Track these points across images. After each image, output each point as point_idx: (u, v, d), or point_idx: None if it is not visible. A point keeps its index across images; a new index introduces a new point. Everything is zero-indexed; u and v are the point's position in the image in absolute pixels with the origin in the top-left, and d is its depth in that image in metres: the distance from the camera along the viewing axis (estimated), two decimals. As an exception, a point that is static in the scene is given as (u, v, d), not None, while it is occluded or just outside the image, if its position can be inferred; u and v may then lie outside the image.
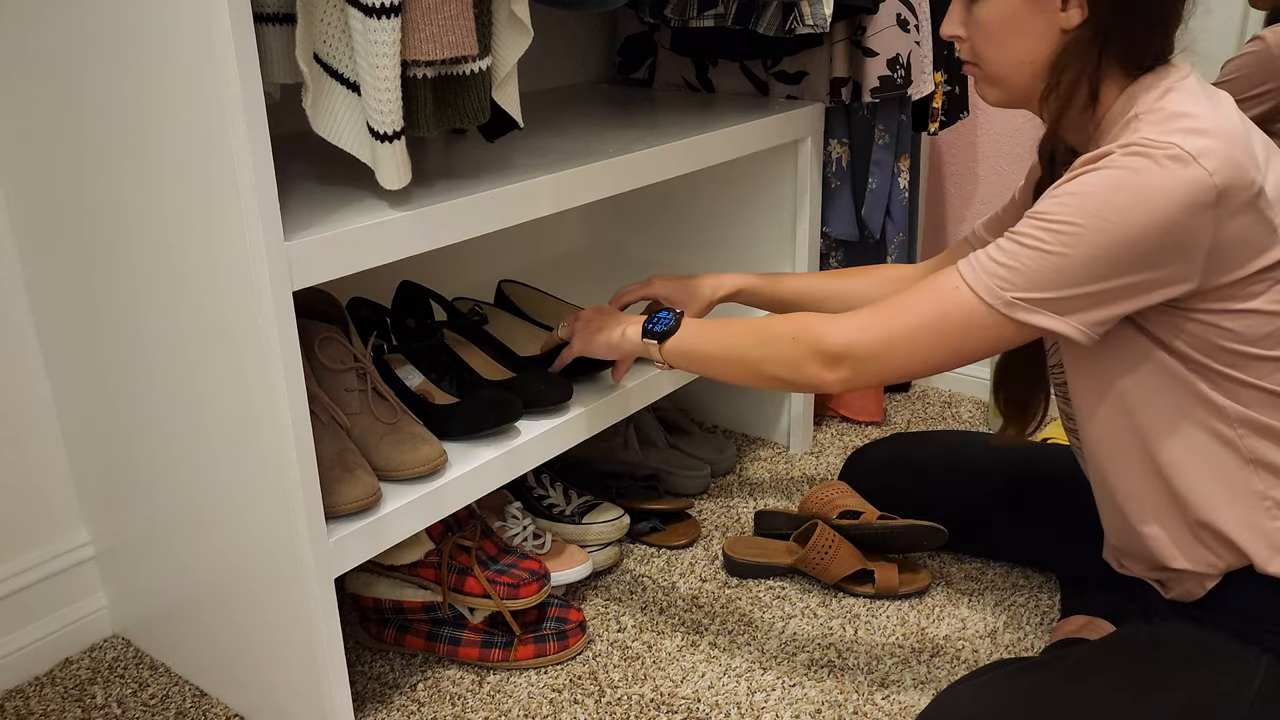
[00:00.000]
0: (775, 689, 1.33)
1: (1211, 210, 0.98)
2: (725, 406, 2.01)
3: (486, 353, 1.44)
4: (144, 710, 1.32)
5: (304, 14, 1.06)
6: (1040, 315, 1.03)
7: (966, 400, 2.15)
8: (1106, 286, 1.01)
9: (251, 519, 1.15)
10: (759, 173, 1.80)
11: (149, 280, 1.13)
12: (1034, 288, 1.02)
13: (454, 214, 1.17)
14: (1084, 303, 1.02)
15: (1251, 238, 1.00)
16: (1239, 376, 1.05)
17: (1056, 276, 1.01)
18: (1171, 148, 0.97)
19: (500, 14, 1.13)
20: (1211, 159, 0.97)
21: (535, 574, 1.36)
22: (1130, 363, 1.09)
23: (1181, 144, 0.97)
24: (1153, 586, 1.21)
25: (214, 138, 0.98)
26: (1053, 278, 1.01)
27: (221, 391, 1.11)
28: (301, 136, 1.49)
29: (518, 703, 1.32)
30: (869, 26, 1.70)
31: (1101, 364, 1.11)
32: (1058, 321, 1.03)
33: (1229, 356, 1.05)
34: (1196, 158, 0.97)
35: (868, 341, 1.10)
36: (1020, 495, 1.49)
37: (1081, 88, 1.08)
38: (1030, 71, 1.10)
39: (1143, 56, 1.07)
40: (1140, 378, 1.09)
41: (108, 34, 1.03)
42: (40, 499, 1.38)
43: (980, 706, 1.08)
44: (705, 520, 1.72)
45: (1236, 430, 1.07)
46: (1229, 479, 1.08)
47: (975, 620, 1.46)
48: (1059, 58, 1.08)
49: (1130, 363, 1.09)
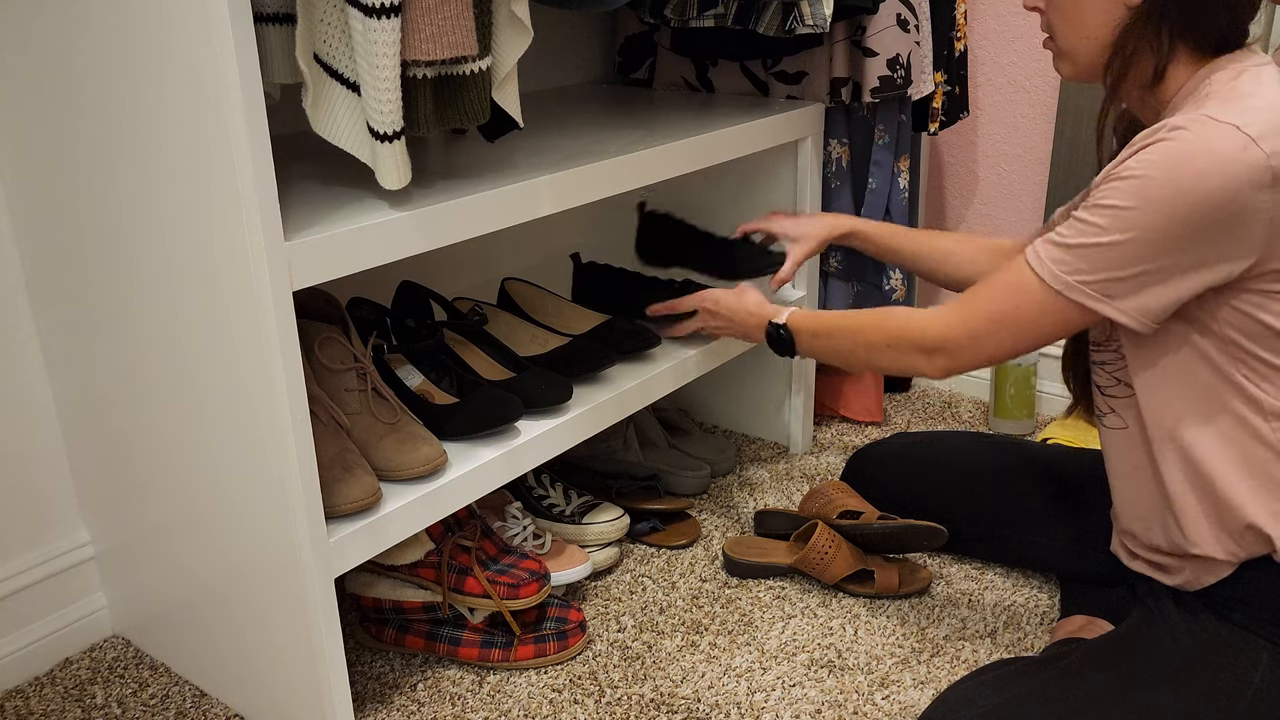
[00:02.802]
0: (775, 689, 1.33)
1: (1269, 191, 0.99)
2: (725, 406, 2.01)
3: (486, 353, 1.44)
4: (144, 710, 1.32)
5: (304, 14, 1.06)
6: (1100, 303, 1.07)
7: (966, 400, 2.15)
8: (1163, 265, 1.04)
9: (251, 519, 1.15)
10: (759, 173, 1.80)
11: (149, 280, 1.13)
12: (1094, 270, 1.06)
13: (454, 214, 1.17)
14: (1142, 283, 1.05)
15: None
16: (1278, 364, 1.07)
17: (1115, 258, 1.04)
18: (1229, 128, 0.99)
19: (500, 14, 1.13)
20: (1271, 140, 0.99)
21: (535, 574, 1.36)
22: (1175, 345, 1.12)
23: (1241, 124, 0.99)
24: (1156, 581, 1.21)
25: (214, 138, 0.98)
26: (1112, 259, 1.05)
27: (221, 391, 1.11)
28: (301, 136, 1.49)
29: (518, 703, 1.32)
30: (869, 26, 1.70)
31: (1151, 345, 1.13)
32: (1113, 309, 1.07)
33: (1276, 342, 1.07)
34: (1256, 139, 0.99)
35: (957, 336, 1.19)
36: (1020, 495, 1.49)
37: (1143, 64, 1.11)
38: (1095, 47, 1.14)
39: (1210, 37, 1.09)
40: (1183, 362, 1.11)
41: (108, 34, 1.03)
42: (40, 499, 1.38)
43: (980, 706, 1.08)
44: (705, 520, 1.72)
45: (1270, 424, 1.09)
46: (1259, 471, 1.10)
47: (975, 620, 1.46)
48: (1123, 33, 1.11)
49: (1175, 345, 1.12)
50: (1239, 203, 0.99)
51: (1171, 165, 1.01)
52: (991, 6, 1.99)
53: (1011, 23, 1.98)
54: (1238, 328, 1.07)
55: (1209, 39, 1.09)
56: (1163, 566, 1.21)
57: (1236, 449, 1.11)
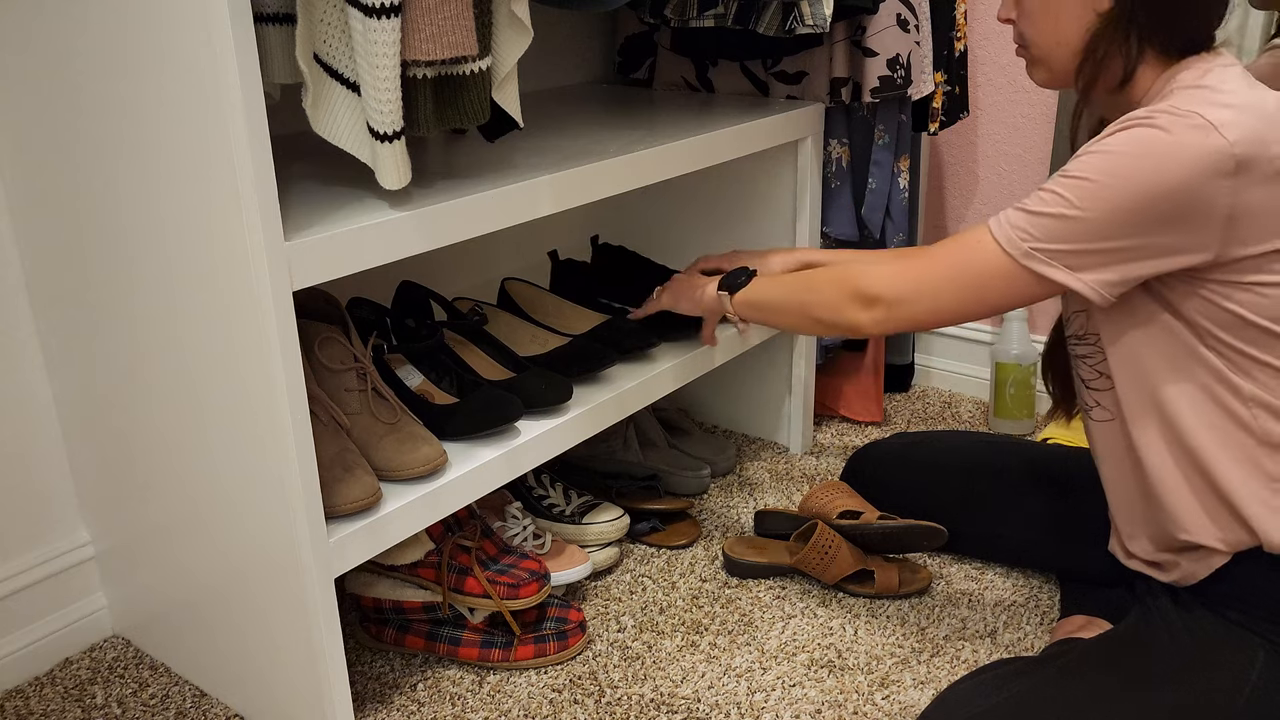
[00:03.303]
0: (775, 689, 1.34)
1: (1230, 179, 1.01)
2: (725, 406, 2.01)
3: (486, 353, 1.44)
4: (144, 710, 1.32)
5: (304, 14, 1.06)
6: (1056, 270, 1.08)
7: (966, 400, 2.15)
8: (1122, 244, 1.05)
9: (251, 519, 1.15)
10: (759, 173, 1.80)
11: (149, 280, 1.13)
12: (1052, 239, 1.07)
13: (454, 214, 1.17)
14: (1099, 259, 1.06)
15: (1274, 212, 1.03)
16: (1255, 355, 1.09)
17: (1074, 230, 1.06)
18: (1195, 116, 1.01)
19: (500, 14, 1.13)
20: (1234, 129, 1.01)
21: (535, 574, 1.36)
22: (1152, 334, 1.12)
23: (1205, 113, 1.01)
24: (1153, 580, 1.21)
25: (214, 138, 0.98)
26: (1071, 231, 1.06)
27: (221, 391, 1.11)
28: (301, 136, 1.49)
29: (518, 703, 1.32)
30: (869, 26, 1.70)
31: (1129, 334, 1.14)
32: (1071, 277, 1.08)
33: (1247, 332, 1.08)
34: (1218, 126, 1.01)
35: (899, 286, 1.17)
36: (1020, 495, 1.49)
37: (1113, 67, 1.13)
38: (1068, 52, 1.15)
39: (1178, 41, 1.11)
40: (1162, 351, 1.12)
41: (108, 34, 1.03)
42: (40, 499, 1.38)
43: (980, 706, 1.08)
44: (705, 520, 1.72)
45: (1252, 410, 1.10)
46: (1244, 458, 1.11)
47: (975, 620, 1.46)
48: (1093, 38, 1.12)
49: (1152, 334, 1.12)
50: (1199, 189, 1.01)
51: (1138, 146, 1.03)
52: (991, 6, 1.99)
53: (1011, 23, 1.98)
54: (1207, 316, 1.09)
55: (1176, 42, 1.11)
56: (1158, 564, 1.21)
57: (1219, 433, 1.11)
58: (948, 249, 1.15)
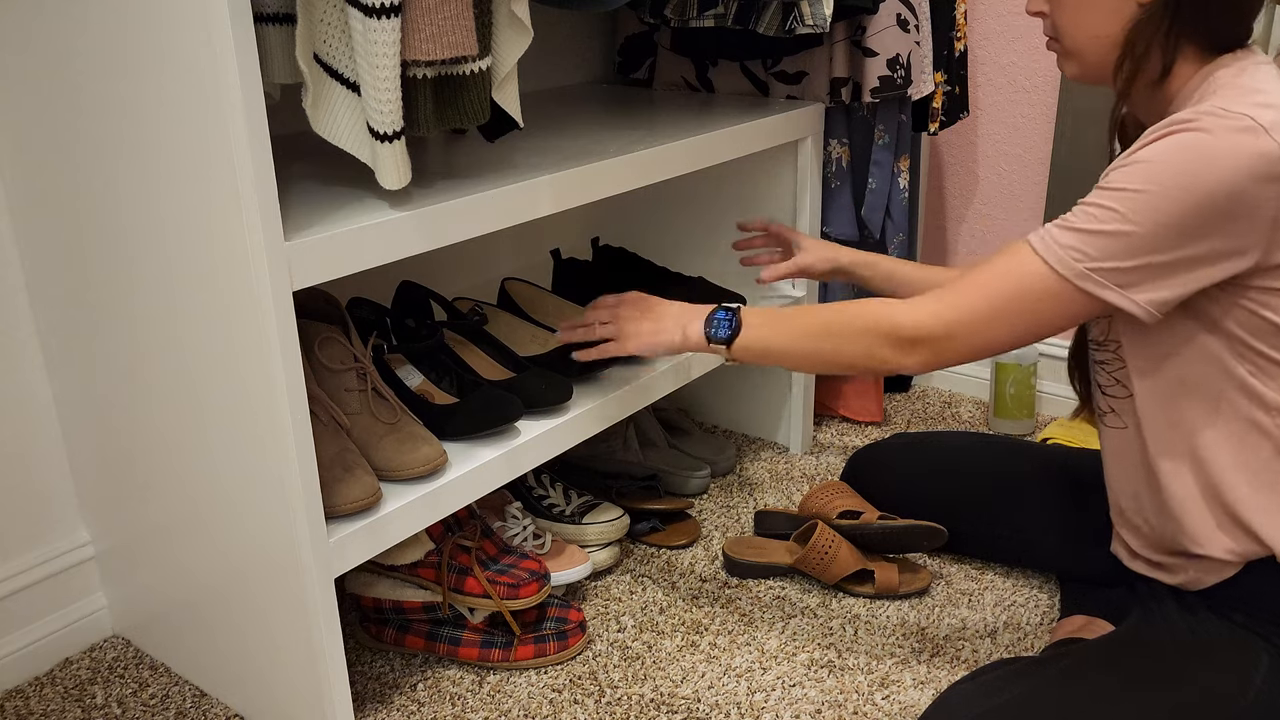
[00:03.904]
0: (775, 689, 1.33)
1: (1277, 184, 0.99)
2: (725, 406, 2.01)
3: (486, 353, 1.44)
4: (144, 710, 1.32)
5: (304, 14, 1.06)
6: (1110, 291, 1.04)
7: (966, 400, 2.15)
8: (1172, 257, 1.02)
9: (251, 519, 1.15)
10: (759, 173, 1.80)
11: (149, 280, 1.13)
12: (1105, 257, 1.04)
13: (454, 214, 1.17)
14: (1150, 274, 1.03)
15: None
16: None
17: (1129, 246, 1.03)
18: (1243, 119, 0.99)
19: (500, 14, 1.13)
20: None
21: (535, 574, 1.36)
22: (1179, 342, 1.11)
23: (1253, 115, 0.99)
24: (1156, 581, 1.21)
25: (214, 138, 0.98)
26: (1126, 247, 1.03)
27: (221, 391, 1.11)
28: (301, 136, 1.49)
29: (518, 703, 1.32)
30: (869, 26, 1.70)
31: (1153, 342, 1.13)
32: (1123, 298, 1.05)
33: (1275, 337, 1.07)
34: (1268, 129, 0.99)
35: (944, 324, 1.11)
36: (1021, 495, 1.49)
37: (1153, 61, 1.10)
38: (1104, 46, 1.13)
39: (1217, 36, 1.09)
40: (1187, 359, 1.11)
41: (108, 34, 1.03)
42: (40, 499, 1.38)
43: (980, 706, 1.08)
44: (705, 520, 1.72)
45: (1273, 417, 1.09)
46: (1261, 469, 1.10)
47: (975, 620, 1.46)
48: (1132, 31, 1.10)
49: (1179, 342, 1.11)
50: (1247, 192, 0.99)
51: (1185, 152, 1.00)
52: (991, 6, 1.99)
53: (1011, 23, 1.98)
54: (1243, 324, 1.07)
55: (1216, 37, 1.09)
56: (1163, 566, 1.21)
57: (1238, 445, 1.10)
58: (990, 276, 1.09)
